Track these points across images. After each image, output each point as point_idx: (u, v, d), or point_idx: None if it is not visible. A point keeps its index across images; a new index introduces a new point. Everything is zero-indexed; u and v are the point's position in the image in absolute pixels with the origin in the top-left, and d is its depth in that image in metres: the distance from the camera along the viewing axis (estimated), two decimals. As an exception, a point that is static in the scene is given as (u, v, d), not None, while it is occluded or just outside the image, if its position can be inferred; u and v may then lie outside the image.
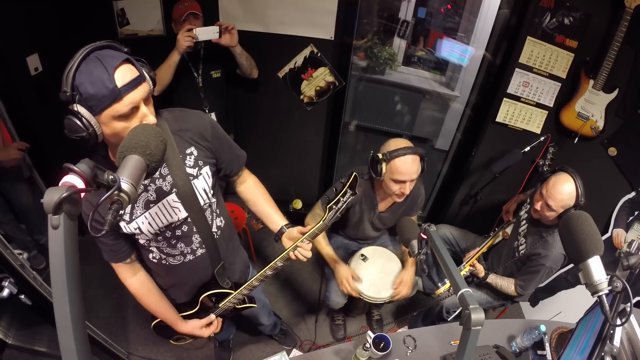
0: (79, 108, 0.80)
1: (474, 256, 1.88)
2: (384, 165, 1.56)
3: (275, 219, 1.29)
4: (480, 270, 1.81)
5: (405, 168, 1.55)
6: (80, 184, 0.56)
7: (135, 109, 0.86)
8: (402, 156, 1.54)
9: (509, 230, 1.95)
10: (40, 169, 2.29)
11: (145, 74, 0.89)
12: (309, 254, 1.17)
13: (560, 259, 1.64)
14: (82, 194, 0.57)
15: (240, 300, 1.38)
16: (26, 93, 2.06)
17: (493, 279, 1.82)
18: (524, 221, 1.84)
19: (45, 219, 0.53)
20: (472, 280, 1.90)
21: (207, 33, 1.82)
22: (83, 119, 0.80)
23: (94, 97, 0.79)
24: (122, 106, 0.83)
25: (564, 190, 1.55)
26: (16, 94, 2.04)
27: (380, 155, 1.57)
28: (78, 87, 0.79)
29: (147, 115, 0.89)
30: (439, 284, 1.86)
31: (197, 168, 1.07)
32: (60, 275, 0.54)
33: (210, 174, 1.11)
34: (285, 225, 1.26)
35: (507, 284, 1.79)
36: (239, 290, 1.32)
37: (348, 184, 1.09)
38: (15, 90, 2.03)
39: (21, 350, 1.63)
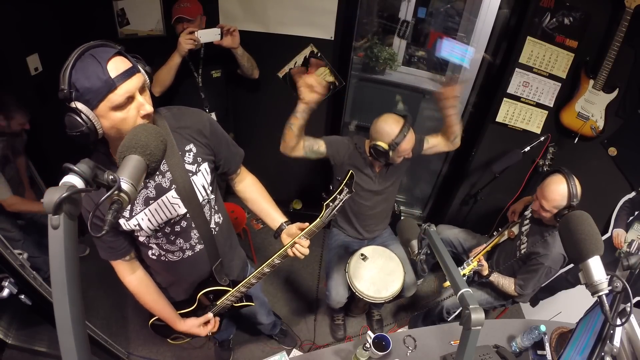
0: (77, 104, 0.82)
1: (480, 252, 1.88)
2: (391, 152, 1.63)
3: (274, 216, 1.30)
4: (485, 268, 1.82)
5: (410, 144, 1.65)
6: (80, 184, 0.56)
7: (130, 98, 0.87)
8: (405, 137, 1.61)
9: (515, 229, 1.96)
10: (40, 169, 2.29)
11: (140, 68, 0.90)
12: (307, 251, 1.18)
13: (560, 260, 1.64)
14: (82, 194, 0.57)
15: (238, 299, 1.39)
16: (26, 93, 2.06)
17: (495, 277, 1.82)
18: (527, 220, 1.85)
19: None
20: (475, 279, 1.91)
21: (208, 35, 1.81)
22: (82, 114, 0.82)
23: (90, 90, 0.81)
24: (117, 96, 0.84)
25: (555, 190, 1.57)
26: (16, 94, 2.04)
27: (385, 146, 1.62)
28: (74, 83, 0.80)
29: (144, 104, 0.90)
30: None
31: (195, 164, 1.08)
32: (60, 275, 0.54)
33: (208, 170, 1.12)
34: (284, 222, 1.27)
35: (508, 283, 1.80)
36: (236, 288, 1.32)
37: (345, 181, 1.09)
38: (15, 90, 2.03)
39: (21, 350, 1.63)
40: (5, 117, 1.81)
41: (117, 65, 0.84)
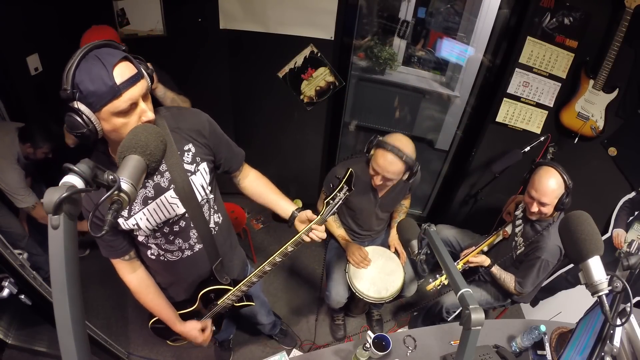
0: (79, 105, 0.81)
1: (471, 253, 1.89)
2: (373, 149, 1.64)
3: (285, 206, 1.30)
4: (485, 259, 1.82)
5: (381, 161, 1.60)
6: (80, 184, 0.56)
7: (134, 105, 0.87)
8: (386, 151, 1.58)
9: (508, 229, 1.96)
10: (40, 169, 2.29)
11: (143, 71, 0.90)
12: (324, 235, 1.18)
13: (556, 252, 1.64)
14: (82, 194, 0.57)
15: (239, 298, 1.39)
16: (26, 93, 2.06)
17: (497, 269, 1.83)
18: (520, 220, 1.85)
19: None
20: (477, 278, 1.90)
21: None
22: (83, 115, 0.82)
23: (94, 94, 0.81)
24: (121, 102, 0.84)
25: (550, 182, 1.57)
26: (16, 94, 2.04)
27: (378, 139, 1.64)
28: (78, 84, 0.80)
29: (146, 111, 0.90)
30: (437, 275, 1.84)
31: (194, 164, 1.08)
32: (60, 275, 0.54)
33: (207, 170, 1.12)
34: (295, 210, 1.27)
35: (509, 279, 1.80)
36: (238, 287, 1.32)
37: (344, 179, 1.09)
38: (15, 90, 2.02)
39: (21, 350, 1.63)
40: (32, 146, 1.94)
41: (122, 71, 0.83)
